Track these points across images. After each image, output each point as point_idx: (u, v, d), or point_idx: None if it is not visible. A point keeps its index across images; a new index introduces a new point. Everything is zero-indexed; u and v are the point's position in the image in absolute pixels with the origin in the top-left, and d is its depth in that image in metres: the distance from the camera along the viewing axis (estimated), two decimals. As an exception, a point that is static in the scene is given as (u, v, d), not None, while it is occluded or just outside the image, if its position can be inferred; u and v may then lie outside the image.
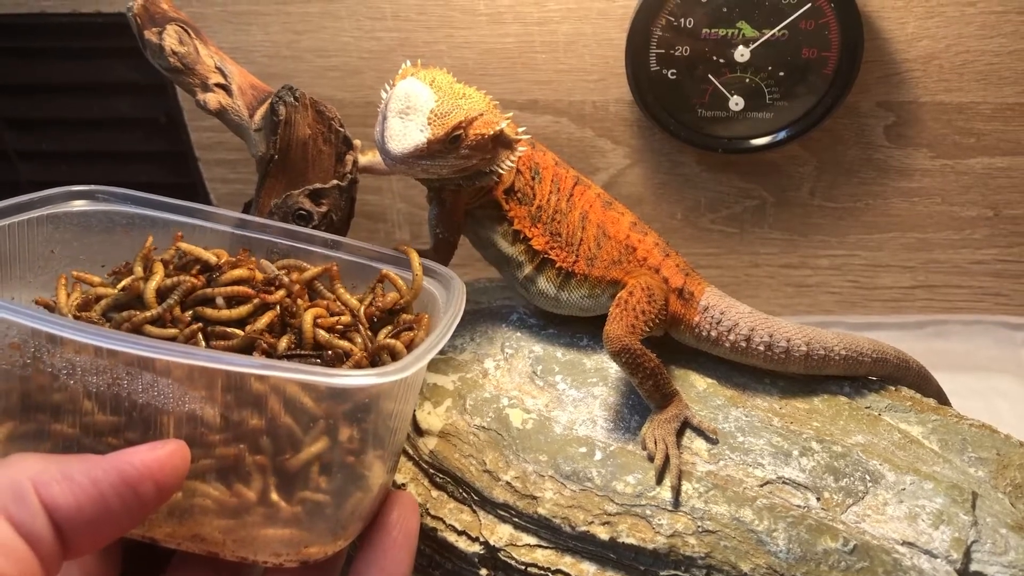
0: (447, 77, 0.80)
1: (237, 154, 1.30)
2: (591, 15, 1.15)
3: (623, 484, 0.76)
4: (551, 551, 0.76)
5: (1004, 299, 1.33)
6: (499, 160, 0.83)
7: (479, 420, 0.82)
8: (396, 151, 0.75)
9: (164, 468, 0.53)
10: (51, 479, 0.49)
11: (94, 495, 0.50)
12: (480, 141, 0.78)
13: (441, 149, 0.77)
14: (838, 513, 0.73)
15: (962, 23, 1.09)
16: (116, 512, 0.51)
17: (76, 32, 1.23)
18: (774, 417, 0.81)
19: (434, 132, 0.75)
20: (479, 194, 0.87)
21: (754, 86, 1.12)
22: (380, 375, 0.58)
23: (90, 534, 0.50)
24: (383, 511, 0.64)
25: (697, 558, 0.72)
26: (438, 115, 0.76)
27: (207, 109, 0.84)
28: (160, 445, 0.54)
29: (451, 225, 0.87)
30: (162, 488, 0.53)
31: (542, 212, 0.87)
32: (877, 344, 0.86)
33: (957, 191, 1.23)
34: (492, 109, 0.81)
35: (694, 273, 0.88)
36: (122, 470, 0.51)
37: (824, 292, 1.35)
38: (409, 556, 0.62)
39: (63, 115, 1.32)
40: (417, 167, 0.78)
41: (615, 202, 0.90)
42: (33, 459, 0.50)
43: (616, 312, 0.81)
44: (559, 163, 0.90)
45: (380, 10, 1.17)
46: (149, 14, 0.82)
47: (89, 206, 0.75)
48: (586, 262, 0.87)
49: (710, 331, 0.84)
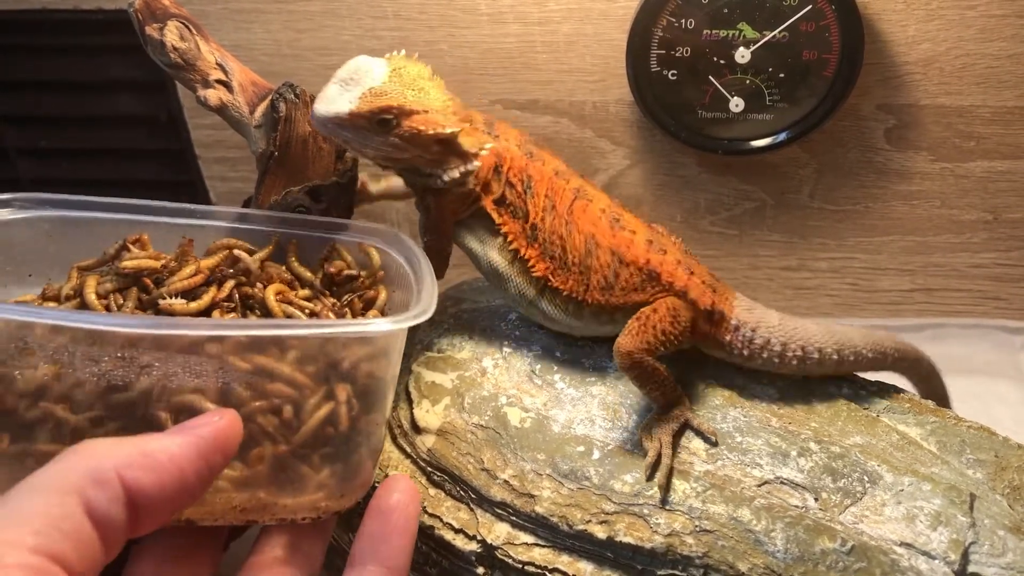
0: (420, 71, 0.78)
1: (237, 152, 1.30)
2: (592, 15, 1.15)
3: (621, 483, 0.76)
4: (548, 550, 0.76)
5: (1003, 303, 1.33)
6: (446, 166, 0.80)
7: (477, 418, 0.82)
8: (318, 112, 0.75)
9: (228, 437, 0.53)
10: (132, 461, 0.49)
11: (174, 472, 0.50)
12: (416, 136, 0.76)
13: (365, 127, 0.75)
14: (836, 514, 0.73)
15: (962, 26, 1.10)
16: (191, 487, 0.51)
17: (77, 29, 1.23)
18: (772, 417, 0.81)
19: (359, 106, 0.74)
20: (466, 201, 0.84)
21: (754, 88, 1.12)
22: (394, 322, 0.62)
23: (163, 512, 0.50)
24: (383, 494, 0.64)
25: (695, 557, 0.72)
26: (374, 93, 0.74)
27: (208, 105, 0.84)
28: (218, 414, 0.54)
29: (438, 233, 0.85)
30: (227, 457, 0.53)
31: (538, 232, 0.83)
32: (897, 341, 0.86)
33: (957, 195, 1.23)
34: (447, 113, 0.77)
35: (720, 284, 0.84)
36: (197, 444, 0.51)
37: (823, 295, 1.35)
38: (410, 541, 0.62)
39: (63, 112, 1.32)
40: (339, 136, 0.77)
41: (623, 215, 0.84)
42: (108, 443, 0.50)
43: (634, 326, 0.79)
44: (560, 173, 0.84)
45: (381, 9, 1.17)
46: (150, 10, 0.82)
47: (10, 215, 0.73)
48: (601, 292, 0.82)
49: (742, 350, 0.82)
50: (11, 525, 0.44)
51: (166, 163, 1.35)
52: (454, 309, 0.96)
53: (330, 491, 0.64)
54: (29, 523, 0.44)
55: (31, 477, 0.48)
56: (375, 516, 0.63)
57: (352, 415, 0.63)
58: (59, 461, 0.49)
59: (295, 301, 0.72)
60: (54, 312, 0.61)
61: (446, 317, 0.95)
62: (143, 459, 0.49)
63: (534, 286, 0.84)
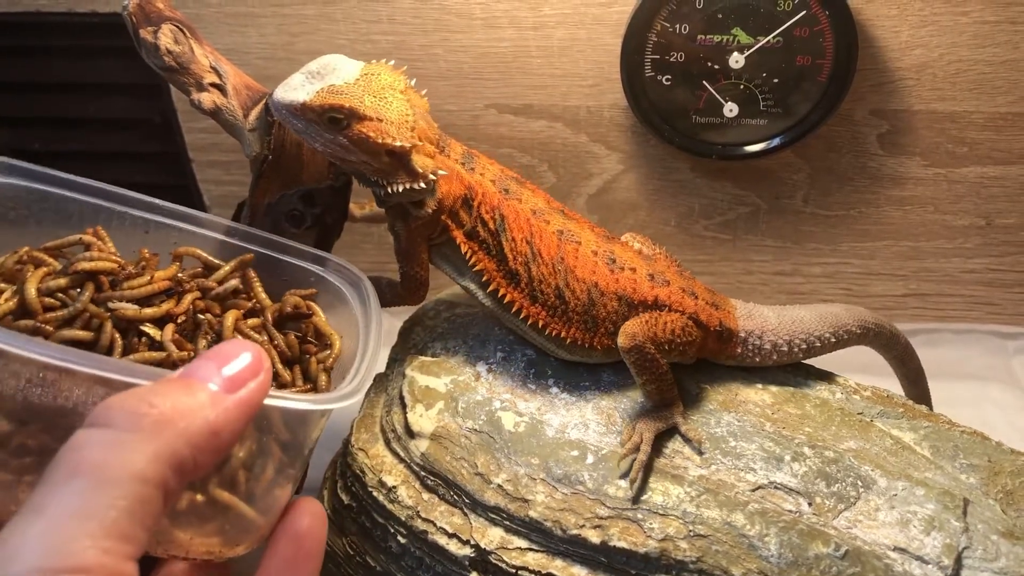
0: (394, 82, 0.77)
1: (231, 156, 1.29)
2: (587, 20, 1.15)
3: (615, 488, 0.76)
4: (542, 554, 0.76)
5: (996, 308, 1.33)
6: (392, 178, 0.78)
7: (471, 423, 0.82)
8: (276, 96, 0.75)
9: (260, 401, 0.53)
10: (204, 444, 0.48)
11: (226, 448, 0.50)
12: (363, 142, 0.75)
13: (315, 120, 0.75)
14: (830, 518, 0.73)
15: (955, 32, 1.10)
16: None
17: (71, 31, 1.23)
18: (766, 422, 0.81)
19: (312, 99, 0.74)
20: (435, 228, 0.83)
21: (748, 93, 1.12)
22: (315, 401, 0.62)
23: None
24: (293, 520, 0.63)
25: (688, 562, 0.72)
26: (331, 91, 0.74)
27: (201, 109, 0.84)
28: (252, 369, 0.53)
29: (410, 259, 0.85)
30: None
31: (519, 279, 0.82)
32: (875, 315, 0.92)
33: (950, 200, 1.24)
34: (402, 126, 0.76)
35: (719, 298, 0.86)
36: (248, 413, 0.52)
37: (816, 300, 1.35)
38: (319, 565, 0.62)
39: (56, 114, 1.32)
40: (290, 125, 0.77)
41: (615, 250, 0.83)
42: (181, 416, 0.48)
43: (645, 316, 0.80)
44: (538, 212, 0.82)
45: (376, 13, 1.17)
46: (145, 13, 0.82)
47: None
48: (610, 338, 0.82)
49: (754, 357, 0.86)
50: (90, 519, 0.42)
51: (160, 167, 1.34)
52: (448, 314, 0.96)
53: (227, 538, 0.62)
54: (116, 524, 0.43)
55: (107, 459, 0.45)
56: (289, 540, 0.61)
57: (274, 470, 0.62)
58: (139, 439, 0.46)
59: (250, 334, 0.72)
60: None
61: (440, 321, 0.95)
62: (211, 440, 0.48)
63: (529, 325, 0.84)
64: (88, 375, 0.54)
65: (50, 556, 0.40)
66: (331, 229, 0.90)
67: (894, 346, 0.94)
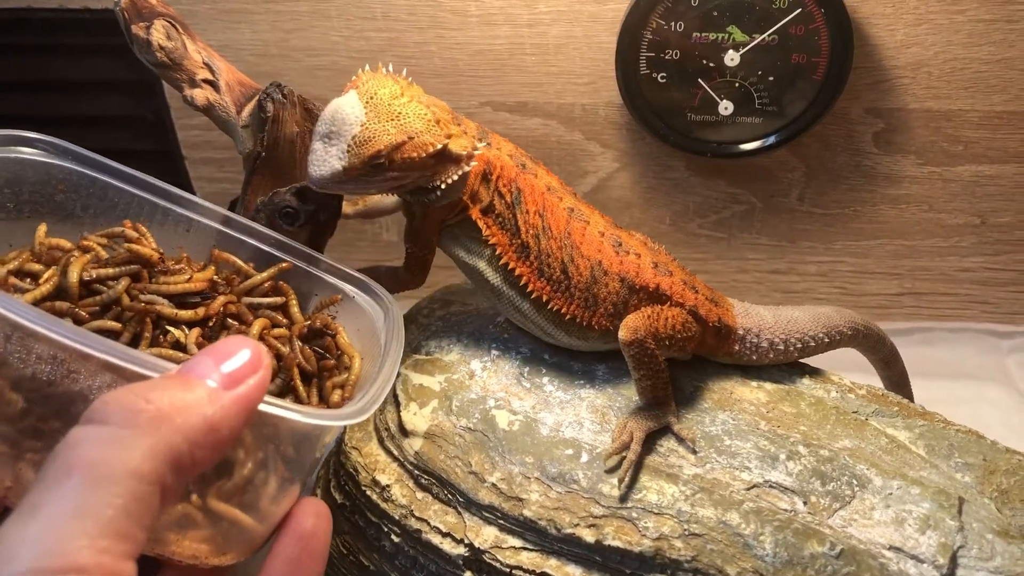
0: (391, 90, 0.76)
1: (224, 153, 1.29)
2: (582, 18, 1.15)
3: (609, 487, 0.76)
4: (536, 553, 0.76)
5: (991, 307, 1.33)
6: (445, 174, 0.78)
7: (465, 421, 0.82)
8: (315, 176, 0.75)
9: (259, 398, 0.52)
10: (201, 440, 0.47)
11: (226, 445, 0.49)
12: (410, 162, 0.75)
13: (363, 174, 0.75)
14: (825, 517, 0.73)
15: (951, 31, 1.10)
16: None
17: (63, 28, 1.22)
18: (761, 421, 0.80)
19: (351, 161, 0.73)
20: (453, 209, 0.83)
21: (744, 91, 1.12)
22: (341, 416, 0.61)
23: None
24: (298, 519, 0.62)
25: (683, 561, 0.72)
26: (359, 142, 0.73)
27: (194, 105, 0.83)
28: (252, 364, 0.52)
29: (421, 240, 0.85)
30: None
31: (530, 251, 0.82)
32: (864, 318, 0.93)
33: (945, 198, 1.24)
34: (430, 128, 0.76)
35: (717, 294, 0.86)
36: (248, 409, 0.50)
37: (811, 298, 1.35)
38: (324, 566, 0.61)
39: (48, 112, 1.31)
40: (342, 189, 0.77)
41: (622, 236, 0.84)
42: (179, 412, 0.47)
43: (648, 311, 0.80)
44: (552, 190, 0.83)
45: (370, 10, 1.17)
46: (137, 9, 0.82)
47: (31, 155, 0.72)
48: (609, 319, 0.82)
49: (751, 355, 0.86)
50: (89, 518, 0.41)
51: (153, 164, 1.33)
52: (442, 312, 0.96)
53: (216, 547, 0.61)
54: (112, 523, 0.42)
55: (103, 456, 0.44)
56: (294, 540, 0.60)
57: (276, 484, 0.61)
58: (135, 435, 0.45)
59: (276, 346, 0.71)
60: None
61: (434, 320, 0.95)
62: (209, 436, 0.47)
63: (531, 302, 0.83)
64: (102, 361, 0.53)
65: (46, 556, 0.40)
66: (325, 226, 0.90)
67: (880, 349, 0.95)
